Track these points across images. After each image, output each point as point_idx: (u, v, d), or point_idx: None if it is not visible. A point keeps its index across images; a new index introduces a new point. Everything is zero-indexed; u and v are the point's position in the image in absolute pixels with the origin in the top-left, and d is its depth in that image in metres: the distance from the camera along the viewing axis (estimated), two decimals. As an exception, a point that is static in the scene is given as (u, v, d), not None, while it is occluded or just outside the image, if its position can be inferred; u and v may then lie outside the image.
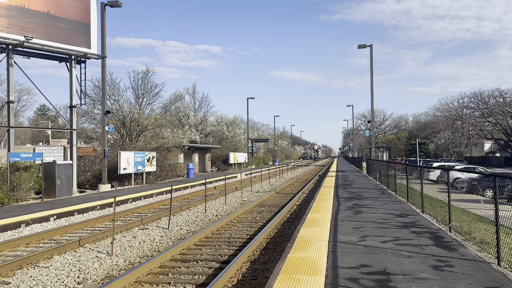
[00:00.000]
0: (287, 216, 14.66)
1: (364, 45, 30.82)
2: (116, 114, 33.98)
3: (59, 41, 22.05)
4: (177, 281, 7.26)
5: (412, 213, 11.70)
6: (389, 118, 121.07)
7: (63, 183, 20.51)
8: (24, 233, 12.01)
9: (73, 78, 23.57)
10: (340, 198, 15.56)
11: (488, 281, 5.65)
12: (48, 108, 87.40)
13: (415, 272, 6.05)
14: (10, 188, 18.01)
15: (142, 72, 37.30)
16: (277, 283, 5.67)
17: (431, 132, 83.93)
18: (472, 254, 7.07)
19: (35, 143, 61.29)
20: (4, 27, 19.81)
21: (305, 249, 7.56)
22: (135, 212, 16.02)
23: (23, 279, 7.47)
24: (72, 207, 15.63)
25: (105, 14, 24.18)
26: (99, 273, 7.97)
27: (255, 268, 8.04)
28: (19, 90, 64.20)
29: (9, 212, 14.30)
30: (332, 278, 5.82)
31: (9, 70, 20.66)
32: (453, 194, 9.68)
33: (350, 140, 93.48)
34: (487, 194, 9.35)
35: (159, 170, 30.61)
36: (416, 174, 14.38)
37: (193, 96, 59.89)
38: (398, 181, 16.90)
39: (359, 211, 12.13)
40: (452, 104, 77.05)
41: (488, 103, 65.56)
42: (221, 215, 15.25)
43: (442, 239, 8.25)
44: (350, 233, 8.92)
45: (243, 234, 11.42)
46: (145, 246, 10.25)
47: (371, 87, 31.51)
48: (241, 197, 20.79)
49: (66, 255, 9.17)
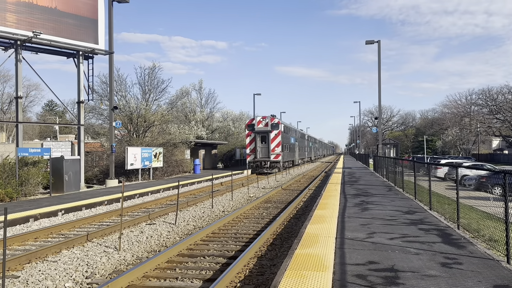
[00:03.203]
0: (294, 212, 14.65)
1: (372, 41, 30.59)
2: (123, 110, 34.10)
3: (67, 37, 22.13)
4: (185, 276, 7.28)
5: (419, 210, 11.64)
6: (397, 114, 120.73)
7: (71, 178, 20.65)
8: (32, 228, 12.11)
9: (80, 74, 23.66)
10: (347, 195, 15.52)
11: (498, 278, 5.61)
12: (56, 104, 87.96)
13: (423, 269, 6.02)
14: (18, 183, 18.17)
15: (149, 68, 37.44)
16: (285, 279, 5.67)
17: (439, 129, 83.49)
18: (481, 252, 7.02)
19: (42, 139, 61.77)
20: (12, 22, 19.92)
21: (312, 245, 7.55)
22: (142, 207, 16.10)
23: (32, 273, 7.53)
24: (80, 202, 15.74)
25: (112, 10, 24.23)
26: (107, 267, 8.02)
27: (262, 264, 8.04)
28: (27, 85, 64.74)
29: (17, 207, 14.43)
30: (340, 275, 5.81)
31: (18, 65, 20.77)
32: (461, 191, 9.61)
33: (356, 137, 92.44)
34: (495, 191, 9.27)
35: (166, 165, 30.73)
36: (423, 171, 14.31)
37: (200, 92, 60.01)
38: (405, 178, 16.82)
39: (366, 208, 12.09)
40: (460, 101, 76.61)
41: (497, 100, 65.06)
42: (227, 211, 15.27)
43: (451, 237, 8.20)
44: (358, 230, 8.89)
45: (250, 230, 11.43)
46: (153, 241, 10.29)
47: (378, 83, 31.32)
48: (247, 193, 20.81)
49: (74, 250, 9.24)
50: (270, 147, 35.42)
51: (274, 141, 35.57)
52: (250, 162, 35.85)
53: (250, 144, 36.10)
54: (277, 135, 35.67)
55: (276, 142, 35.62)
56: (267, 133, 35.62)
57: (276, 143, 35.64)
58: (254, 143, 35.72)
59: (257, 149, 35.45)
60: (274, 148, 35.55)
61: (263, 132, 35.67)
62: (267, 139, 35.63)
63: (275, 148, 35.62)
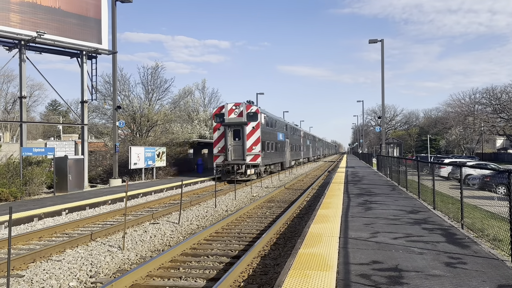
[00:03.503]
0: (297, 211, 14.65)
1: (375, 40, 30.56)
2: (126, 110, 34.18)
3: (70, 37, 22.21)
4: (188, 276, 7.30)
5: (423, 210, 11.62)
6: (400, 113, 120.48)
7: (75, 178, 20.72)
8: (36, 227, 12.16)
9: (84, 74, 23.74)
10: (350, 194, 15.50)
11: (502, 278, 5.59)
12: (59, 104, 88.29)
13: (427, 269, 6.01)
14: (22, 182, 18.25)
15: (152, 68, 37.44)
16: (288, 278, 5.67)
17: (442, 128, 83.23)
18: (485, 251, 7.00)
19: (46, 138, 62.02)
20: (16, 23, 20.00)
21: (315, 245, 7.54)
22: (146, 206, 16.13)
23: (36, 272, 7.56)
24: (84, 201, 15.79)
25: (115, 10, 24.29)
26: (111, 267, 8.04)
27: (266, 264, 8.04)
28: (31, 85, 64.97)
29: (22, 206, 14.49)
30: (344, 274, 5.80)
31: (22, 65, 20.86)
32: (465, 191, 9.58)
33: (360, 136, 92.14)
34: (499, 191, 9.23)
35: (169, 165, 30.78)
36: (427, 170, 14.27)
37: (203, 91, 59.97)
38: (409, 177, 16.77)
39: (370, 207, 12.07)
40: (463, 100, 76.37)
41: (501, 99, 64.84)
42: (231, 210, 15.29)
43: (455, 236, 8.17)
44: (361, 229, 8.88)
45: (253, 230, 11.44)
46: (156, 240, 10.31)
47: (382, 82, 31.28)
48: (250, 193, 20.82)
49: (78, 249, 9.27)
50: (246, 145, 26.47)
51: (252, 136, 26.78)
52: (219, 165, 26.95)
53: (219, 141, 27.13)
54: (255, 128, 26.81)
55: (254, 138, 26.80)
56: (241, 126, 26.50)
57: (254, 140, 26.78)
58: (224, 139, 26.77)
59: (228, 147, 26.34)
60: (251, 146, 26.64)
61: (236, 124, 26.59)
62: (242, 134, 26.59)
63: (253, 146, 26.68)
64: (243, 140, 26.52)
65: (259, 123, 26.99)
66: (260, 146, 26.85)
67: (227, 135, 26.49)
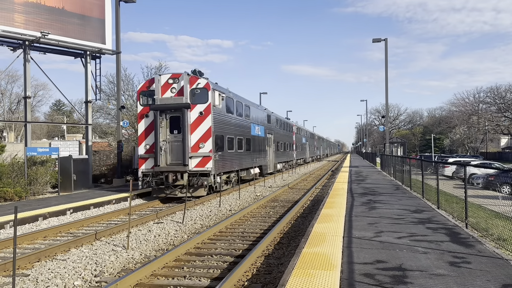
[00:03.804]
0: (301, 211, 14.65)
1: (379, 39, 30.48)
2: (130, 109, 34.27)
3: (74, 37, 22.28)
4: (192, 275, 7.32)
5: (427, 209, 11.59)
6: (404, 113, 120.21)
7: (79, 178, 20.80)
8: (41, 226, 12.23)
9: (88, 74, 23.81)
10: (354, 194, 15.49)
11: (507, 278, 5.58)
12: (63, 103, 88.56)
13: (431, 268, 6.00)
14: (27, 182, 18.34)
15: (155, 68, 37.41)
16: (292, 277, 5.68)
17: (446, 127, 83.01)
18: (490, 251, 6.98)
19: (50, 138, 62.23)
20: (21, 23, 20.09)
21: (319, 244, 7.55)
22: (150, 206, 16.18)
23: (41, 271, 7.61)
24: (88, 201, 15.85)
25: (119, 10, 24.35)
26: (115, 266, 8.08)
27: (270, 263, 8.06)
28: (35, 85, 65.18)
29: (26, 206, 14.57)
30: (348, 274, 5.80)
31: (26, 65, 20.95)
32: (469, 190, 9.55)
33: (363, 136, 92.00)
34: (504, 190, 9.21)
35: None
36: (431, 170, 14.23)
37: (206, 91, 59.98)
38: (413, 176, 16.75)
39: (374, 207, 12.06)
40: (468, 99, 76.08)
41: (505, 98, 64.59)
42: (234, 209, 15.31)
43: (459, 235, 8.16)
44: (365, 229, 8.87)
45: (257, 229, 11.45)
46: (160, 240, 10.34)
47: (385, 82, 31.22)
48: (254, 192, 20.83)
49: (83, 248, 9.32)
50: (189, 140, 17.04)
51: (199, 127, 17.25)
52: (146, 173, 17.49)
53: (147, 136, 17.69)
54: (204, 114, 17.22)
55: (202, 129, 17.26)
56: (182, 111, 16.99)
57: (202, 133, 17.24)
58: (153, 133, 17.28)
59: (159, 145, 16.97)
60: (197, 143, 17.17)
61: (173, 108, 17.22)
62: (183, 123, 17.00)
63: (200, 142, 17.16)
64: (184, 133, 16.97)
65: (210, 106, 17.29)
66: (211, 142, 17.22)
67: (158, 126, 17.05)
